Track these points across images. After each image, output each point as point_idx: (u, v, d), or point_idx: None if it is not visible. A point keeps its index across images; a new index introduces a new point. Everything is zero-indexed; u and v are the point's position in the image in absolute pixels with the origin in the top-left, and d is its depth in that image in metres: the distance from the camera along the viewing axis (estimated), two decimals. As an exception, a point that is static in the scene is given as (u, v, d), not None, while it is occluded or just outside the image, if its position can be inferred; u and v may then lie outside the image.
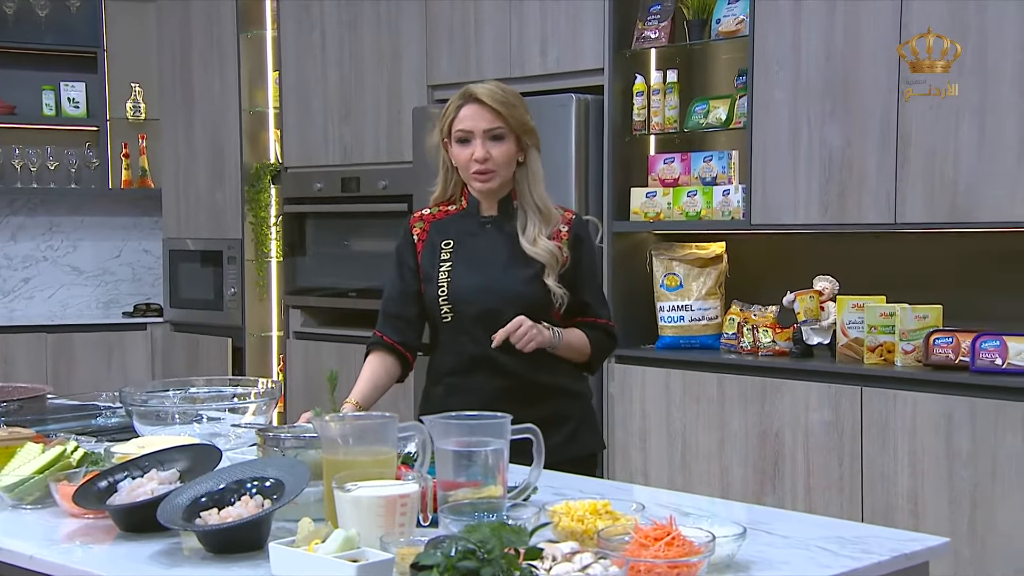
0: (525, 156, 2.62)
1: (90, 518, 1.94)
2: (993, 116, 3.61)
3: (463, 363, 2.62)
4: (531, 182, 2.62)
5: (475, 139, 2.57)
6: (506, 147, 2.58)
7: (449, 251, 2.64)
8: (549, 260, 2.57)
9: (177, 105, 6.27)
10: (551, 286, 2.57)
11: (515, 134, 2.58)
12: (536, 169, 2.63)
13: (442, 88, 5.05)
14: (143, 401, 2.48)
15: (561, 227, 2.64)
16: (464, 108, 2.59)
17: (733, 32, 4.26)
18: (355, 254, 5.50)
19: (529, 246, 2.57)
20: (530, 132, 2.62)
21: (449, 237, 2.66)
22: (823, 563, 1.67)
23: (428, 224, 2.70)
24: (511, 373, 2.57)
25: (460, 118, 2.59)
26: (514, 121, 2.57)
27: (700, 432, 4.21)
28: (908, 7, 3.76)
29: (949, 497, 3.65)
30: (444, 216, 2.70)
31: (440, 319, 2.64)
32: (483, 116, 2.56)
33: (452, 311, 2.61)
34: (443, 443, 1.86)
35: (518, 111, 2.59)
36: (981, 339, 3.70)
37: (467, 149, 2.58)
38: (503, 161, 2.58)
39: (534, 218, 2.60)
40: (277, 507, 1.74)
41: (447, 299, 2.61)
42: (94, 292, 6.83)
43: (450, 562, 1.32)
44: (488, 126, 2.56)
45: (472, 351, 2.60)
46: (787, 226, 4.11)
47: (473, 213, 2.67)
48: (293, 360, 5.66)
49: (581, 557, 1.46)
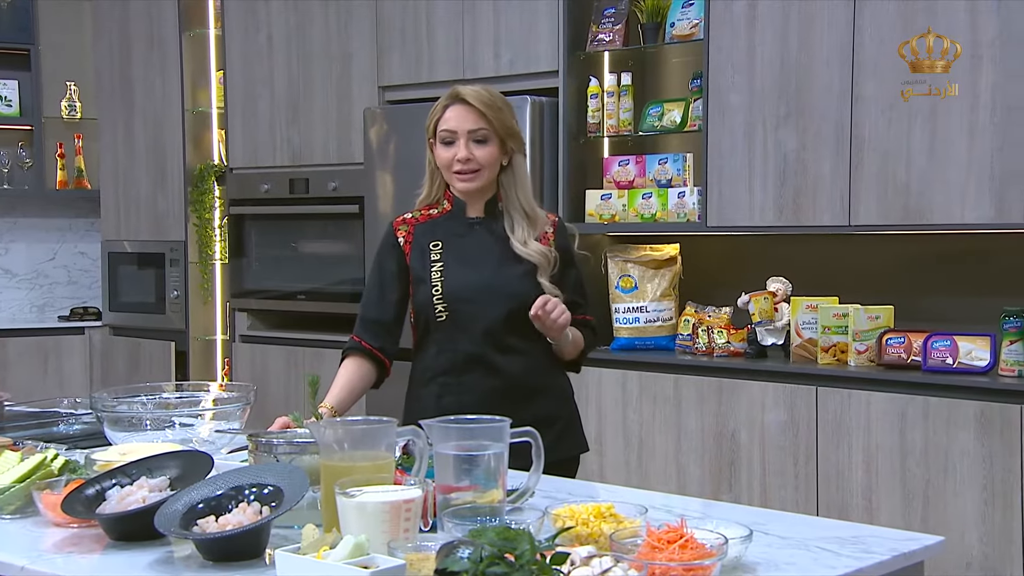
0: (510, 160, 2.62)
1: (75, 527, 1.89)
2: (944, 121, 3.68)
3: (458, 362, 2.60)
4: (517, 186, 2.62)
5: (459, 140, 2.56)
6: (489, 149, 2.58)
7: (439, 252, 2.63)
8: (542, 261, 2.58)
9: (116, 104, 6.15)
10: (545, 286, 2.57)
11: (499, 137, 2.58)
12: (522, 173, 2.63)
13: (393, 89, 5.02)
14: (112, 407, 2.42)
15: (547, 229, 2.65)
16: (450, 109, 2.59)
17: (687, 36, 4.30)
18: (303, 256, 5.44)
19: (521, 247, 2.58)
20: (515, 136, 2.62)
21: (437, 239, 2.64)
22: (827, 563, 1.68)
23: (412, 227, 2.68)
24: (505, 373, 2.58)
25: (445, 118, 2.59)
26: (499, 124, 2.57)
27: (656, 432, 4.24)
28: (861, 13, 3.82)
29: (903, 494, 3.72)
30: (427, 219, 2.69)
31: (434, 318, 2.61)
32: (468, 117, 2.56)
33: (447, 310, 2.59)
34: (443, 447, 1.84)
35: (503, 114, 2.59)
36: (932, 339, 3.78)
37: (451, 150, 2.58)
38: (486, 163, 2.58)
39: (521, 221, 2.60)
40: (278, 514, 1.71)
41: (442, 298, 2.59)
42: (27, 295, 6.67)
43: (479, 568, 1.30)
44: (472, 127, 2.56)
45: (468, 350, 2.59)
46: (743, 228, 4.16)
47: (459, 215, 2.66)
48: (239, 364, 5.58)
49: (600, 561, 1.45)
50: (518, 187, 2.63)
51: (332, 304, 5.24)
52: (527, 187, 2.65)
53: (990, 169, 3.61)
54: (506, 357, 2.58)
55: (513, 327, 2.58)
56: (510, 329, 2.59)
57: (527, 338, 2.58)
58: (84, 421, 2.77)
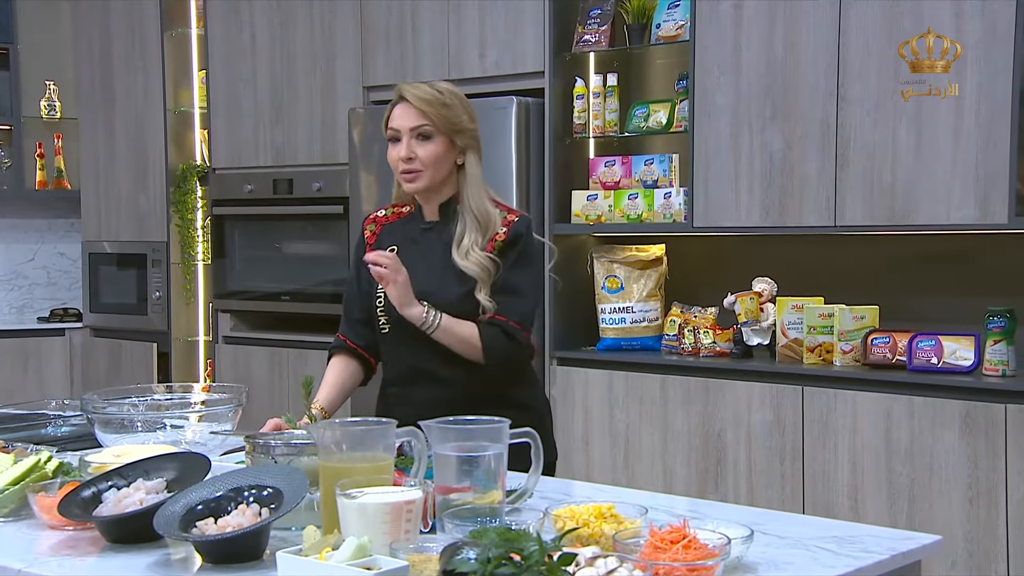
0: (464, 159, 2.56)
1: (70, 529, 1.87)
2: (929, 121, 3.71)
3: (403, 374, 2.58)
4: (468, 186, 2.55)
5: (402, 137, 2.52)
6: (433, 147, 2.51)
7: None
8: (480, 275, 2.49)
9: (97, 104, 6.11)
10: (482, 301, 2.49)
11: (444, 134, 2.52)
12: (473, 172, 2.55)
13: (378, 89, 5.01)
14: (103, 408, 2.40)
15: (500, 230, 2.53)
16: (396, 108, 2.56)
17: (673, 37, 4.31)
18: (287, 257, 5.42)
19: (460, 260, 2.50)
20: (463, 133, 2.54)
21: (395, 243, 2.61)
22: (826, 563, 1.69)
23: (380, 227, 2.66)
24: (450, 383, 2.52)
25: (391, 117, 2.56)
26: (441, 120, 2.50)
27: (643, 432, 4.25)
28: (847, 14, 3.84)
29: (888, 492, 3.74)
30: (396, 219, 2.66)
31: (379, 329, 2.60)
32: (409, 115, 2.52)
33: (388, 322, 2.57)
34: (443, 448, 1.83)
35: (450, 111, 2.51)
36: (917, 339, 3.81)
37: (396, 148, 2.54)
38: (429, 161, 2.51)
39: (472, 225, 2.52)
40: (279, 516, 1.71)
41: (383, 311, 2.57)
42: (6, 297, 6.61)
43: (488, 568, 1.30)
44: (413, 124, 2.50)
45: (410, 362, 2.56)
46: (729, 229, 4.17)
47: (417, 218, 2.63)
48: (222, 365, 5.56)
49: (605, 562, 1.45)
50: (470, 187, 2.55)
51: (316, 305, 5.23)
52: (480, 188, 2.56)
53: (975, 170, 3.63)
54: (451, 368, 2.52)
55: None
56: None
57: None
58: (72, 423, 2.74)
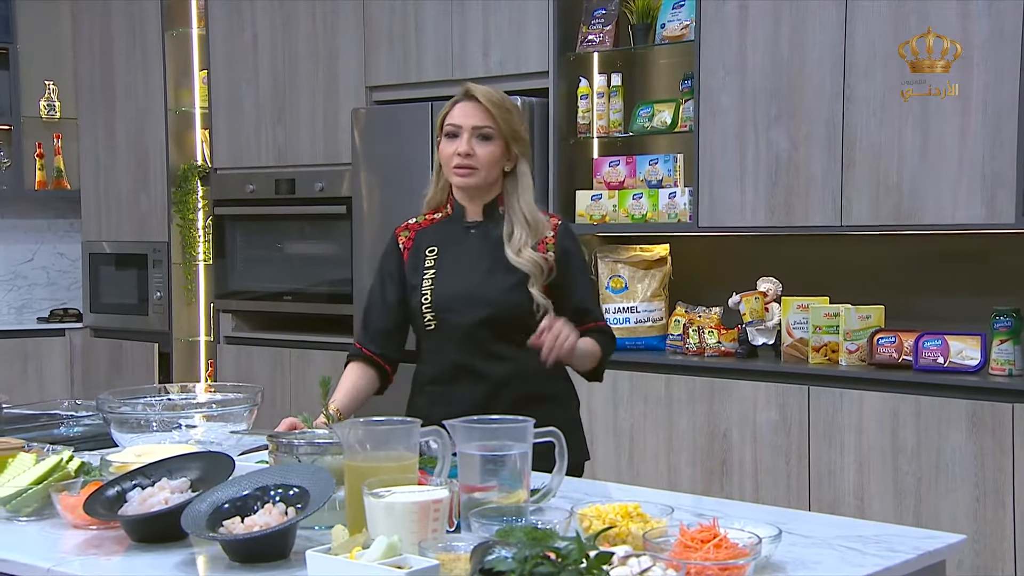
0: (514, 165, 2.60)
1: (93, 529, 1.87)
2: (935, 121, 3.71)
3: (446, 372, 2.58)
4: (520, 192, 2.58)
5: (463, 134, 2.54)
6: (492, 148, 2.55)
7: (433, 258, 2.60)
8: (534, 270, 2.53)
9: (97, 104, 6.10)
10: (535, 296, 2.53)
11: (504, 138, 2.56)
12: (525, 179, 2.60)
13: (381, 90, 5.01)
14: (115, 408, 2.40)
15: (548, 234, 2.59)
16: (458, 105, 2.57)
17: (678, 37, 4.31)
18: (290, 257, 5.42)
19: (514, 256, 2.53)
20: (520, 141, 2.59)
21: (434, 244, 2.62)
22: (854, 562, 1.69)
23: (414, 233, 2.66)
24: (493, 380, 2.54)
25: (452, 114, 2.57)
26: (505, 125, 2.55)
27: (647, 432, 4.25)
28: (853, 13, 3.85)
29: (894, 492, 3.75)
30: (430, 224, 2.67)
31: (424, 327, 2.59)
32: (474, 113, 2.55)
33: (435, 319, 2.57)
34: (468, 447, 1.83)
35: (511, 116, 2.57)
36: (923, 339, 3.81)
37: (453, 144, 2.55)
38: (486, 161, 2.55)
39: (521, 228, 2.56)
40: (307, 514, 1.70)
41: (430, 307, 2.57)
42: (5, 297, 6.58)
43: (526, 567, 1.30)
44: (477, 123, 2.54)
45: (454, 359, 2.56)
46: (734, 228, 4.18)
47: (458, 219, 2.63)
48: (224, 366, 5.55)
49: (639, 561, 1.45)
50: (520, 193, 2.59)
51: (318, 305, 5.22)
52: (530, 194, 2.61)
53: (981, 169, 3.64)
54: (493, 364, 2.54)
55: (499, 334, 2.55)
56: (495, 336, 2.55)
57: (516, 345, 2.51)
58: (85, 423, 2.73)
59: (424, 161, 4.59)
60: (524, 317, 2.53)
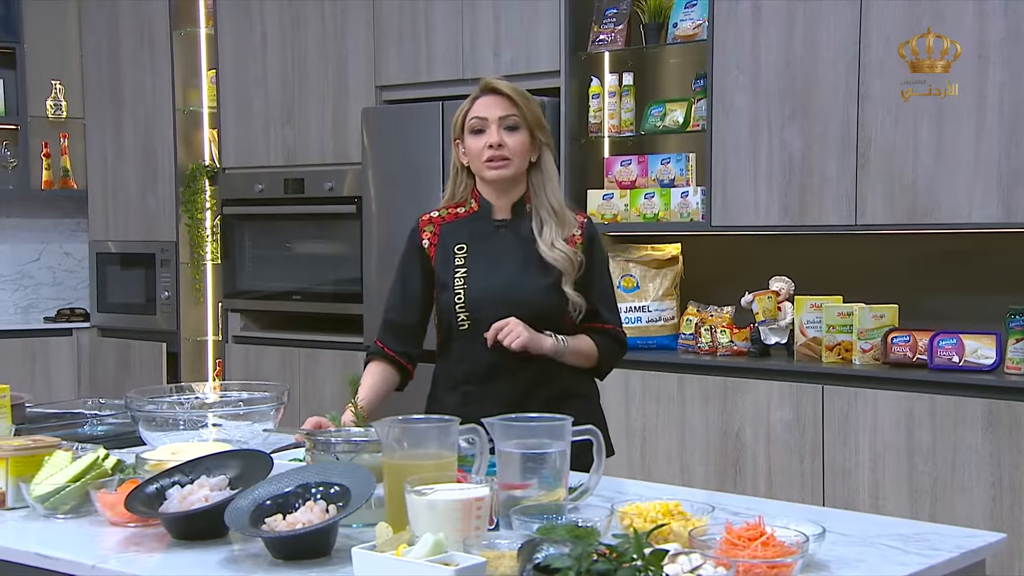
0: (539, 156, 2.58)
1: (132, 526, 1.87)
2: (951, 120, 3.72)
3: (480, 371, 2.56)
4: (546, 183, 2.56)
5: (490, 126, 2.52)
6: (520, 138, 2.53)
7: (463, 256, 2.57)
8: (567, 266, 2.52)
9: (104, 104, 6.09)
10: (570, 295, 2.52)
11: (529, 128, 2.54)
12: (550, 170, 2.58)
13: (391, 89, 5.01)
14: (144, 406, 2.40)
15: (575, 231, 2.58)
16: (479, 99, 2.55)
17: (691, 36, 4.32)
18: (299, 256, 5.42)
19: (547, 251, 2.52)
20: (544, 130, 2.57)
21: (462, 241, 2.59)
22: (897, 560, 1.69)
23: (439, 227, 2.62)
24: (527, 380, 2.53)
25: (475, 108, 2.55)
26: (529, 114, 2.53)
27: (660, 431, 4.25)
28: (867, 12, 3.86)
29: (909, 491, 3.75)
30: (454, 219, 2.62)
31: (457, 326, 2.57)
32: (499, 104, 2.53)
33: (469, 319, 2.55)
34: (507, 445, 1.84)
35: (533, 105, 2.56)
36: (938, 337, 3.82)
37: (481, 138, 2.53)
38: (518, 150, 2.53)
39: (550, 221, 2.54)
40: (349, 512, 1.71)
41: (464, 307, 2.54)
42: (12, 296, 6.57)
43: (584, 565, 1.30)
44: (503, 113, 2.52)
45: (490, 359, 2.53)
46: (748, 228, 4.18)
47: (486, 216, 2.60)
48: (232, 365, 5.54)
49: (689, 559, 1.46)
50: (547, 184, 2.57)
51: (328, 304, 5.22)
52: (556, 185, 2.59)
53: (997, 168, 3.65)
54: (527, 365, 2.52)
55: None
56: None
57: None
58: (109, 422, 2.74)
59: (434, 161, 4.60)
60: (558, 316, 2.54)
